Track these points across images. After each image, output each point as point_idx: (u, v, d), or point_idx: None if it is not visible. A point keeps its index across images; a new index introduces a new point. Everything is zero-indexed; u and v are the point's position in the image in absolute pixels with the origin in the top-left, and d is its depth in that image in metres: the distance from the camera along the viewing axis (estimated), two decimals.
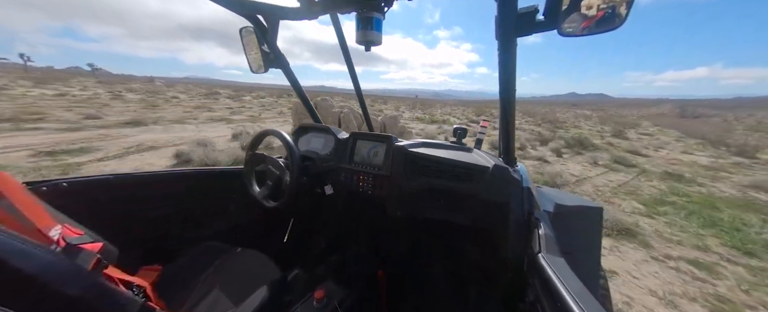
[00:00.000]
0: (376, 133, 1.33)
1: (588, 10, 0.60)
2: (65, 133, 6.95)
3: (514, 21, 0.68)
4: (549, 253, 0.69)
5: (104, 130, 7.79)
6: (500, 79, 0.86)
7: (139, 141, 6.68)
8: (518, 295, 0.81)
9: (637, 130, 17.73)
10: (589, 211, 1.28)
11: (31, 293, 0.46)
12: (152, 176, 1.28)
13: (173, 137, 7.39)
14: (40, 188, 0.94)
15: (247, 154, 1.36)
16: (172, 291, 1.02)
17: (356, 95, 1.72)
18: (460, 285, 1.36)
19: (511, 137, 1.05)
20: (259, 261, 1.16)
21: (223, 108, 17.24)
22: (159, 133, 7.95)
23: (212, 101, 22.17)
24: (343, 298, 1.08)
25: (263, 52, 1.26)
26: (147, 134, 7.64)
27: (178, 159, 5.27)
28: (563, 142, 9.60)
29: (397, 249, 1.56)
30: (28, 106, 11.40)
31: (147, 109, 13.52)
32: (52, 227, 0.61)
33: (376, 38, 1.00)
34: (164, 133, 8.01)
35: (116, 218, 1.16)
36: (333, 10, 1.04)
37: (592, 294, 0.52)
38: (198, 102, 20.09)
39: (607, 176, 5.92)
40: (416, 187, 1.16)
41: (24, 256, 0.45)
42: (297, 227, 1.79)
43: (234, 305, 0.95)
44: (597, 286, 1.25)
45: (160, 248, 1.31)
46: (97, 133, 7.23)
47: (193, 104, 17.91)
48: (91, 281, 0.53)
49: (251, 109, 18.29)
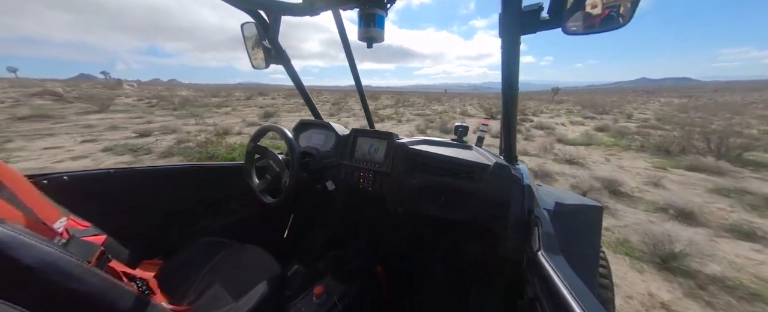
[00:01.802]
0: (376, 130, 1.33)
1: (592, 8, 0.60)
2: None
3: (519, 19, 0.68)
4: (549, 251, 0.69)
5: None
6: (503, 78, 0.86)
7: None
8: (517, 292, 0.82)
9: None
10: (589, 210, 1.28)
11: (35, 286, 0.46)
12: (153, 170, 1.28)
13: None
14: (41, 181, 0.94)
15: (247, 148, 1.36)
16: (173, 285, 1.03)
17: (358, 92, 1.72)
18: (460, 281, 1.37)
19: (513, 135, 1.05)
20: (259, 256, 1.17)
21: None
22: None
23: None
24: (342, 293, 1.09)
25: (265, 48, 1.25)
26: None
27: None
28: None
29: (397, 245, 1.56)
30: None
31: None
32: (56, 219, 0.61)
33: (378, 35, 0.99)
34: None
35: (117, 212, 1.16)
36: (335, 6, 1.04)
37: (591, 292, 0.52)
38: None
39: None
40: (417, 184, 1.16)
41: (27, 248, 0.45)
42: (297, 223, 1.80)
43: (234, 300, 0.95)
44: (596, 283, 1.26)
45: (161, 243, 1.31)
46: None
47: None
48: (94, 274, 0.53)
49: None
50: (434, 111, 18.33)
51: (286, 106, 18.78)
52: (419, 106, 23.84)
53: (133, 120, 10.07)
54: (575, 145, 6.97)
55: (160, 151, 5.69)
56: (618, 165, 5.43)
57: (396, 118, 13.71)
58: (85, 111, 11.84)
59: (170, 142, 6.36)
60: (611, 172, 4.75)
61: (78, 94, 18.44)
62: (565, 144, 7.21)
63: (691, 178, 4.63)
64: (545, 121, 12.36)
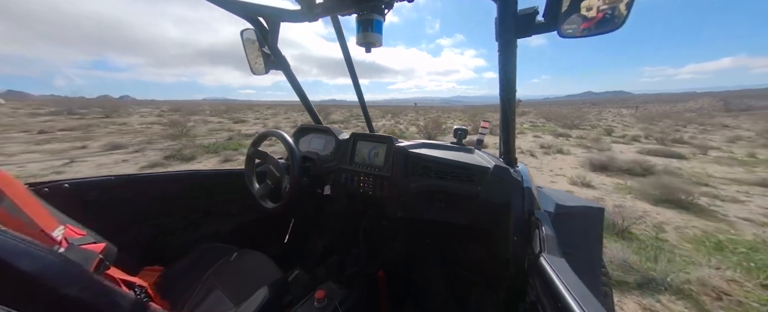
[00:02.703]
0: (376, 134, 1.33)
1: (588, 11, 0.60)
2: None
3: (514, 22, 0.69)
4: (550, 253, 0.69)
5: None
6: (500, 81, 0.86)
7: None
8: (519, 296, 0.81)
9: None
10: (590, 212, 1.28)
11: (33, 294, 0.46)
12: (153, 177, 1.28)
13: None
14: (42, 189, 0.94)
15: (248, 153, 1.36)
16: (173, 292, 1.02)
17: (357, 96, 1.73)
18: (461, 285, 1.36)
19: (512, 138, 1.05)
20: (260, 262, 1.16)
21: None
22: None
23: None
24: (343, 298, 1.08)
25: (264, 54, 1.26)
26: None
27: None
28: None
29: (398, 250, 1.55)
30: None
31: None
32: (55, 227, 0.61)
33: (376, 40, 1.00)
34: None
35: (117, 219, 1.16)
36: (333, 12, 1.05)
37: (593, 294, 0.52)
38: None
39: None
40: (417, 188, 1.16)
41: (25, 256, 0.45)
42: (298, 228, 1.79)
43: (235, 306, 0.95)
44: (598, 286, 1.25)
45: (161, 249, 1.31)
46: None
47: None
48: (93, 282, 0.53)
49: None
50: (377, 125, 15.43)
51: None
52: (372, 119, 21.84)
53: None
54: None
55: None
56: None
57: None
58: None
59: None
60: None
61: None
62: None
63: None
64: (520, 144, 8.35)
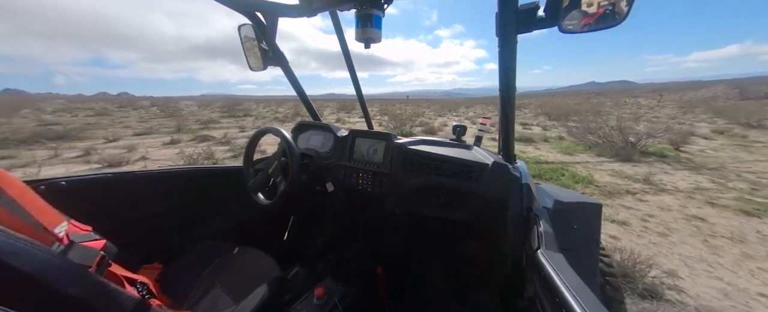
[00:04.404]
0: (375, 131, 1.32)
1: (588, 7, 0.60)
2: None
3: (515, 18, 0.68)
4: (548, 249, 0.69)
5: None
6: (500, 77, 0.86)
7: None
8: (517, 291, 0.82)
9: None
10: (588, 208, 1.28)
11: (34, 293, 0.46)
12: (152, 175, 1.28)
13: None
14: (38, 187, 0.93)
15: (246, 151, 1.35)
16: (173, 289, 1.02)
17: (356, 93, 1.72)
18: (459, 281, 1.37)
19: (511, 134, 1.05)
20: (260, 258, 1.16)
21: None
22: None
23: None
24: (343, 295, 1.08)
25: (262, 50, 1.25)
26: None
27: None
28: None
29: (397, 246, 1.56)
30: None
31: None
32: (57, 224, 0.61)
33: (375, 35, 0.99)
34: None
35: (116, 217, 1.16)
36: (332, 7, 1.04)
37: (590, 289, 0.52)
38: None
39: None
40: (415, 185, 1.16)
41: (25, 256, 0.45)
42: (297, 225, 1.79)
43: (234, 303, 0.95)
44: (596, 281, 1.26)
45: (160, 247, 1.31)
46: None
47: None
48: (94, 279, 0.53)
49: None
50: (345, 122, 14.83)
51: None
52: (358, 114, 19.38)
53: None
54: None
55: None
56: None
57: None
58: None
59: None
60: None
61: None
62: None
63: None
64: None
